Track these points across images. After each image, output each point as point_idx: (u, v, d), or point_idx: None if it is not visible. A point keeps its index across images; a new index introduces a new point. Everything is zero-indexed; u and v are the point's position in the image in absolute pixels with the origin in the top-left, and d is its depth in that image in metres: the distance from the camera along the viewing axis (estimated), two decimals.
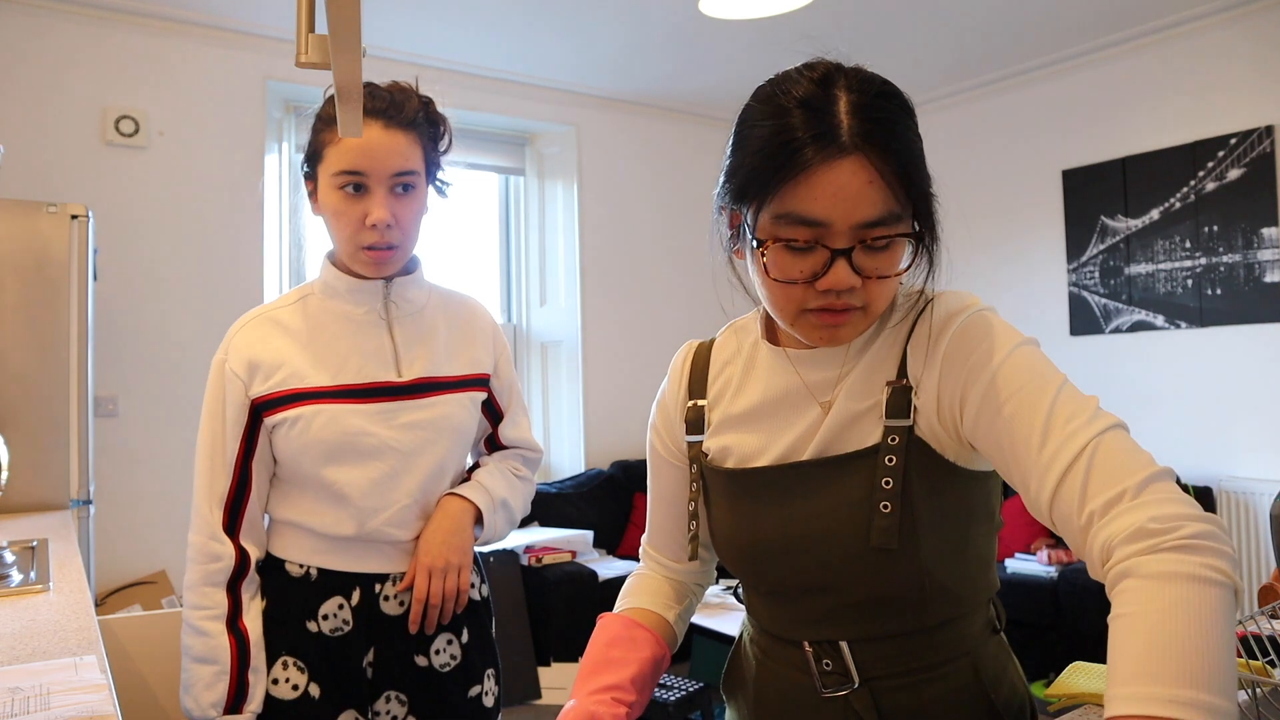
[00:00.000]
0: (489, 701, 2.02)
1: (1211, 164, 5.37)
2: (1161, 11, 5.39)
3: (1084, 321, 6.01)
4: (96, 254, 3.97)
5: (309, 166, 1.89)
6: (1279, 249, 5.13)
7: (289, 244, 5.60)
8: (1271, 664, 1.47)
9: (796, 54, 1.26)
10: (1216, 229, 5.37)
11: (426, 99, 1.91)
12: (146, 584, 4.75)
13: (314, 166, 1.87)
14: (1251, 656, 1.44)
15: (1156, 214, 5.63)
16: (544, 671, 5.12)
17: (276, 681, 1.84)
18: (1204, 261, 5.43)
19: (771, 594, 1.40)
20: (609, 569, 5.49)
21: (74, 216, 3.64)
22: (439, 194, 1.98)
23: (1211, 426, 5.43)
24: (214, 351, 1.90)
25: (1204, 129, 5.42)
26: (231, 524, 1.84)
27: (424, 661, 1.92)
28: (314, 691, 1.84)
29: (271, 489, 1.93)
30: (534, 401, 6.80)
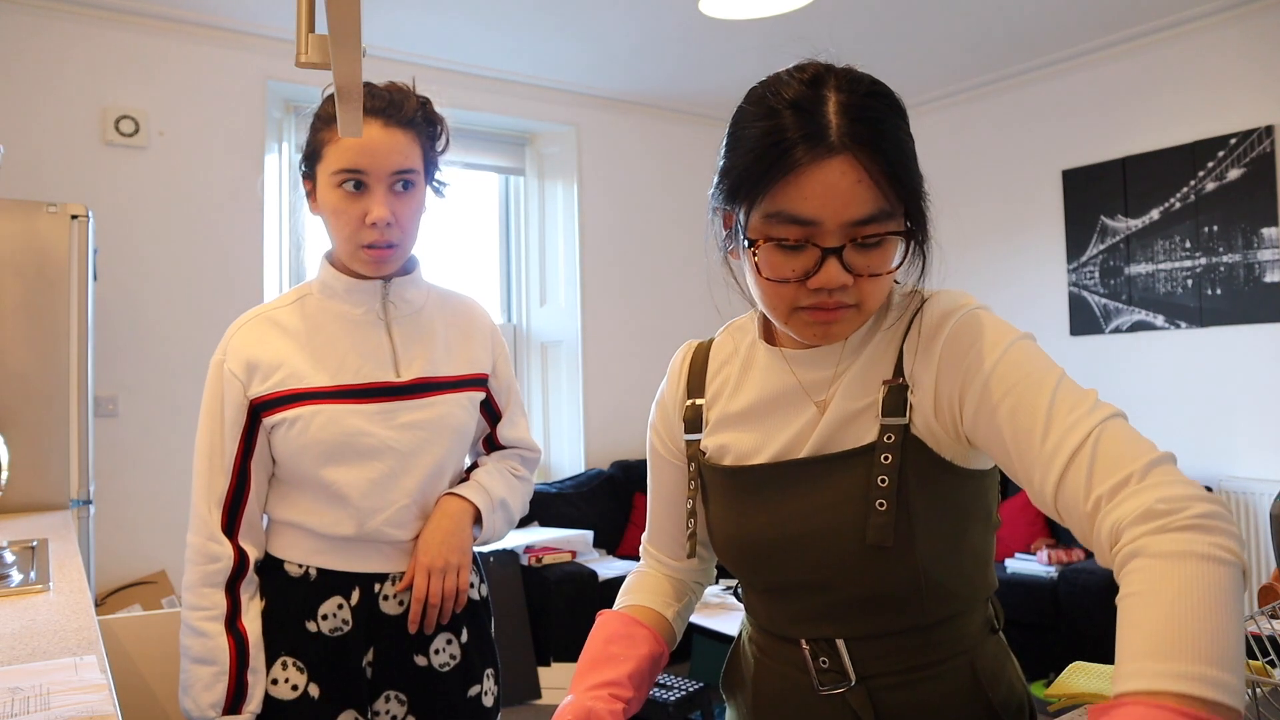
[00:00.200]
0: (488, 701, 2.02)
1: (1211, 164, 5.37)
2: (1162, 11, 5.39)
3: (1084, 321, 6.00)
4: (96, 254, 3.97)
5: (307, 166, 1.89)
6: (1279, 249, 5.12)
7: (289, 244, 5.59)
8: (1271, 664, 1.47)
9: (790, 55, 1.27)
10: (1216, 229, 5.37)
11: (424, 98, 1.91)
12: (146, 584, 4.75)
13: (312, 166, 1.87)
14: (1251, 657, 1.43)
15: (1156, 214, 5.63)
16: (544, 671, 5.12)
17: (276, 682, 1.84)
18: (1204, 261, 5.43)
19: (769, 591, 1.41)
20: (609, 569, 5.49)
21: (74, 216, 3.64)
22: (436, 194, 1.98)
23: (1211, 426, 5.43)
24: (214, 351, 1.90)
25: (1204, 129, 5.42)
26: (230, 524, 1.84)
27: (423, 661, 1.92)
28: (313, 691, 1.84)
29: (270, 489, 1.92)
30: (534, 402, 6.79)
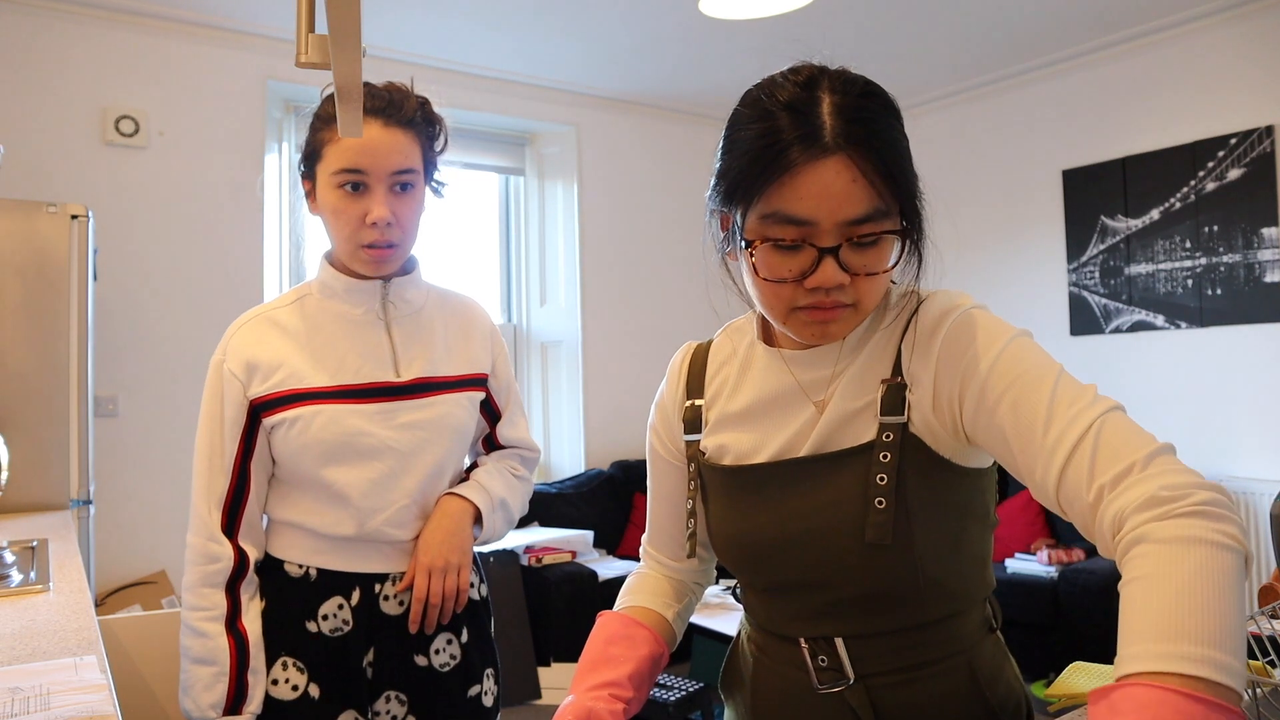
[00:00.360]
0: (488, 701, 2.02)
1: (1212, 164, 5.37)
2: (1162, 11, 5.39)
3: (1084, 321, 6.01)
4: (96, 254, 3.97)
5: (306, 166, 1.89)
6: (1279, 249, 5.13)
7: (289, 244, 5.59)
8: (1272, 664, 1.47)
9: (787, 57, 1.28)
10: (1217, 229, 5.37)
11: (423, 99, 1.92)
12: (146, 584, 4.75)
13: (312, 166, 1.87)
14: (1251, 657, 1.44)
15: (1157, 214, 5.63)
16: (544, 671, 5.12)
17: (276, 682, 1.84)
18: (1204, 261, 5.43)
19: (768, 590, 1.41)
20: (609, 569, 5.49)
21: (74, 216, 3.64)
22: (435, 194, 1.98)
23: (1211, 426, 5.43)
24: (213, 351, 1.90)
25: (1204, 129, 5.42)
26: (230, 525, 1.84)
27: (424, 661, 1.92)
28: (314, 692, 1.84)
29: (270, 489, 1.92)
30: (534, 402, 6.79)
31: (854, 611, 1.32)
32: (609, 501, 6.24)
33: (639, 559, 1.67)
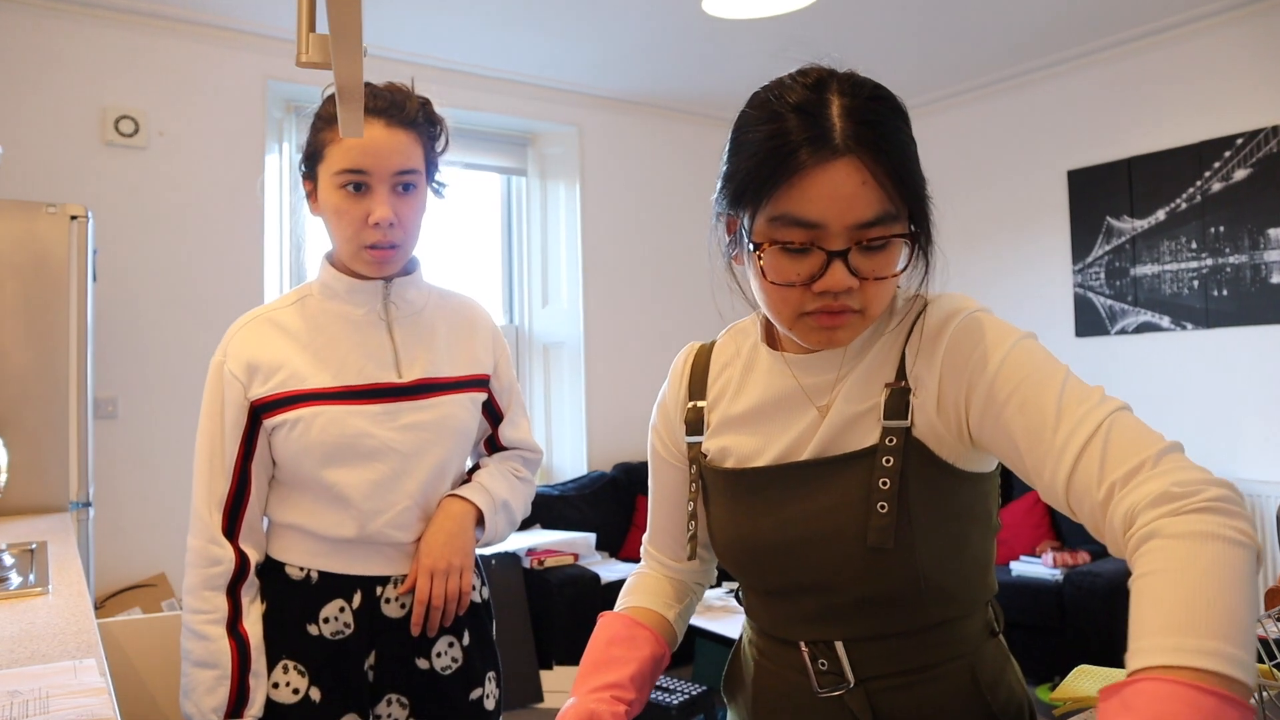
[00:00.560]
0: (490, 704, 2.02)
1: (1218, 164, 5.36)
2: (1167, 11, 5.39)
3: (1089, 323, 6.00)
4: (96, 255, 3.97)
5: (307, 166, 1.89)
6: None
7: (289, 244, 5.59)
8: (1278, 667, 1.47)
9: (793, 59, 1.28)
10: (1223, 230, 5.36)
11: (424, 99, 1.92)
12: (146, 587, 4.76)
13: (313, 166, 1.87)
14: (1258, 660, 1.43)
15: (1162, 215, 5.62)
16: (546, 675, 5.12)
17: (277, 685, 1.84)
18: (1210, 262, 5.42)
19: (769, 594, 1.41)
20: (611, 571, 5.48)
21: (73, 217, 3.64)
22: (436, 195, 1.98)
23: (1218, 428, 5.43)
24: (214, 353, 1.90)
25: (1210, 129, 5.42)
26: (231, 527, 1.84)
27: (425, 664, 1.92)
28: (315, 695, 1.84)
29: (270, 491, 1.92)
30: (536, 403, 6.79)
31: (854, 615, 1.32)
32: (611, 504, 6.24)
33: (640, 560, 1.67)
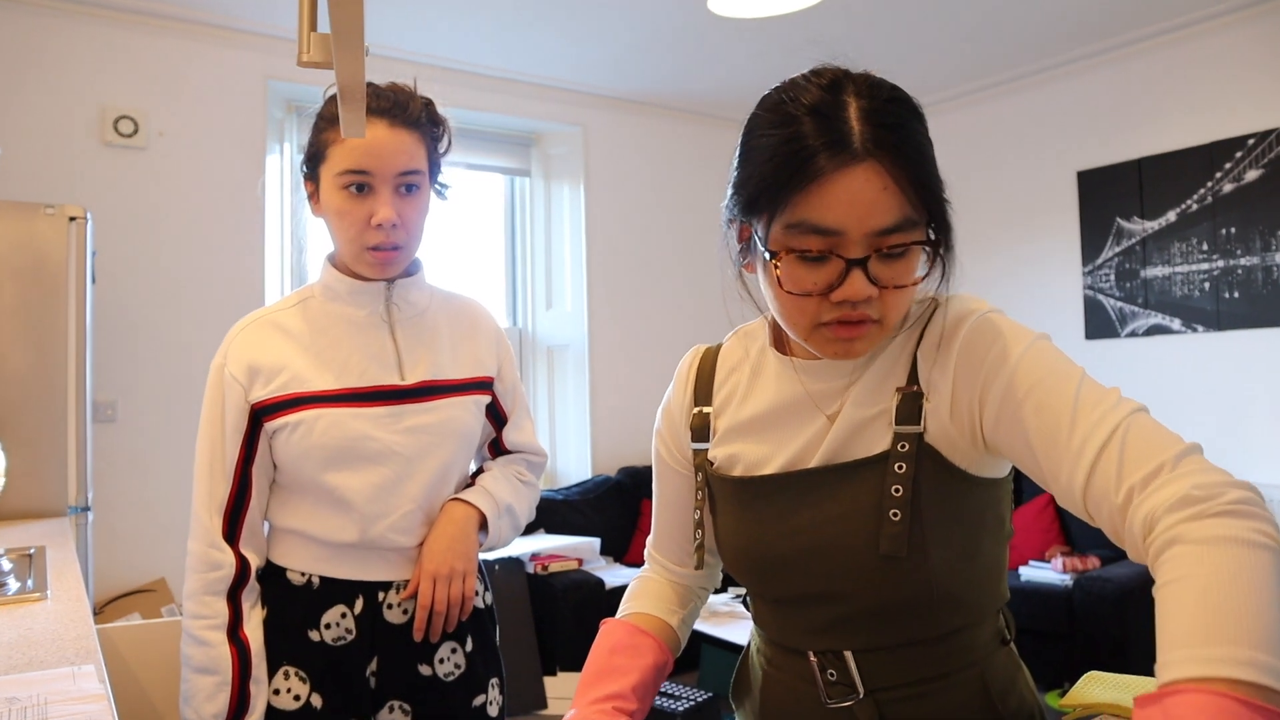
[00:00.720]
0: (493, 711, 2.01)
1: (1229, 165, 5.36)
2: (1178, 11, 5.38)
3: (1099, 325, 6.00)
4: (95, 256, 3.97)
5: (309, 167, 1.89)
6: None
7: (290, 246, 5.59)
8: None
9: (803, 58, 1.26)
10: (1234, 231, 5.36)
11: (427, 99, 1.92)
12: (146, 592, 4.76)
13: (315, 167, 1.87)
14: None
15: (1173, 216, 5.62)
16: (550, 681, 5.11)
17: (278, 692, 1.83)
18: (1221, 264, 5.42)
19: (777, 602, 1.40)
20: (616, 577, 5.48)
21: (72, 218, 3.64)
22: (439, 196, 1.98)
23: (1229, 431, 5.42)
24: (214, 355, 1.90)
25: (1221, 129, 5.41)
26: (231, 531, 1.84)
27: (428, 671, 1.92)
28: (316, 702, 1.84)
29: (271, 496, 1.92)
30: (540, 406, 6.80)
31: (865, 625, 1.30)
32: (616, 508, 6.23)
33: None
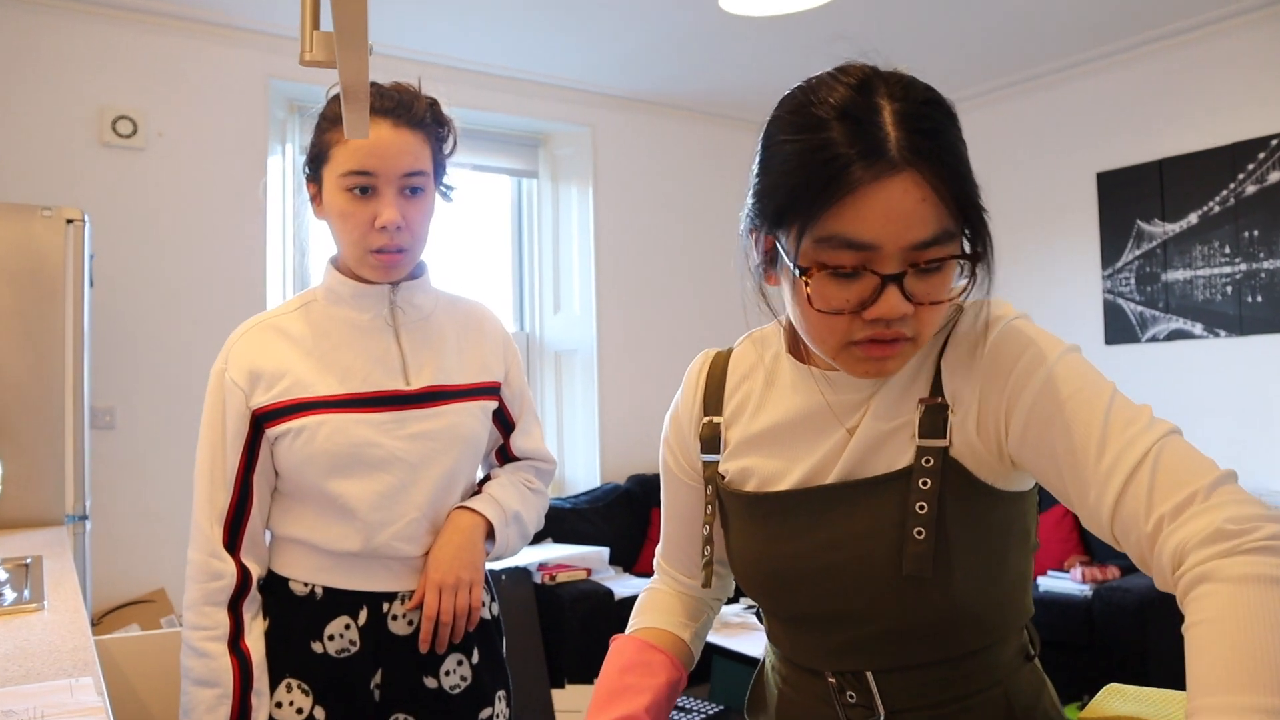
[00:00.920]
0: None
1: (1252, 166, 5.34)
2: (1199, 9, 5.37)
3: (1119, 330, 5.98)
4: (93, 259, 3.98)
5: (312, 168, 1.89)
6: None
7: (293, 249, 5.60)
8: None
9: (822, 54, 1.22)
10: (1257, 233, 5.34)
11: (432, 99, 1.92)
12: (144, 603, 4.76)
13: (318, 168, 1.87)
14: None
15: (1195, 218, 5.60)
16: (557, 694, 5.11)
17: (280, 705, 1.83)
18: (1244, 267, 5.40)
19: (793, 621, 1.37)
20: (625, 587, 5.46)
21: (69, 221, 3.65)
22: (444, 198, 1.98)
23: (1253, 438, 5.39)
24: (214, 361, 1.90)
25: (1244, 130, 5.39)
26: (232, 540, 1.84)
27: (433, 683, 1.92)
28: (319, 715, 1.84)
29: (273, 504, 1.92)
30: (548, 413, 6.79)
31: (886, 645, 1.28)
32: (626, 517, 6.22)
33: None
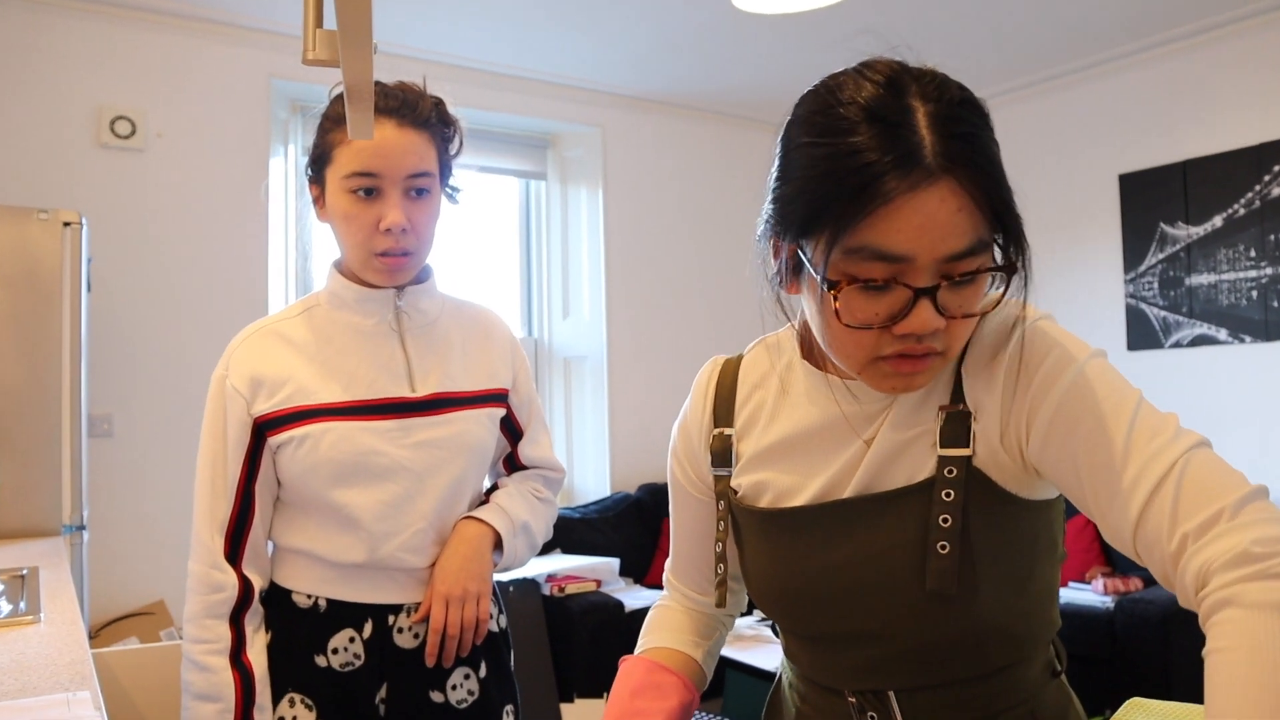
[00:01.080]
0: None
1: (1278, 167, 5.33)
2: (1223, 6, 5.36)
3: (1142, 335, 5.96)
4: (90, 263, 3.98)
5: (315, 170, 1.89)
6: None
7: (295, 252, 5.59)
8: None
9: (840, 51, 1.18)
10: None
11: (438, 99, 1.91)
12: (143, 615, 4.76)
13: (321, 169, 1.87)
14: None
15: (1219, 221, 5.58)
16: (566, 708, 5.10)
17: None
18: (1270, 271, 5.38)
19: (811, 639, 1.35)
20: (636, 599, 5.45)
21: (66, 224, 3.66)
22: (450, 200, 1.98)
23: (1278, 447, 5.39)
24: (215, 367, 1.89)
25: (1270, 130, 5.38)
26: (234, 551, 1.83)
27: (440, 698, 1.91)
28: None
29: (275, 514, 1.92)
30: (556, 420, 6.78)
31: (907, 664, 1.25)
32: (636, 527, 6.21)
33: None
